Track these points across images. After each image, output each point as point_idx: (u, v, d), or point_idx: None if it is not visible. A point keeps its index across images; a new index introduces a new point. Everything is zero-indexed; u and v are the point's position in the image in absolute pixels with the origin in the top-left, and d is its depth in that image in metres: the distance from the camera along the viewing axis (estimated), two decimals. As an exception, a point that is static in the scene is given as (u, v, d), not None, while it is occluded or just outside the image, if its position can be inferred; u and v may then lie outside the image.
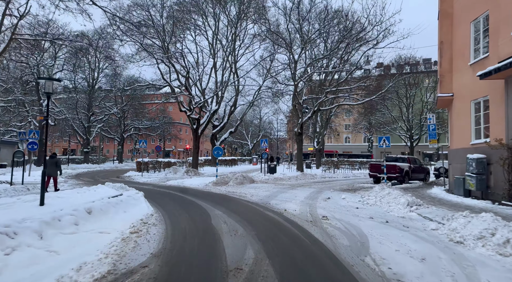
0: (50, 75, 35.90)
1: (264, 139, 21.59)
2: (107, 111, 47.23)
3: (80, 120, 42.18)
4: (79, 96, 43.10)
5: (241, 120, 37.99)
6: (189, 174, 25.53)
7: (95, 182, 19.70)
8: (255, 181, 19.64)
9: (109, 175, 27.68)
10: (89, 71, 43.44)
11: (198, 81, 27.97)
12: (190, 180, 19.32)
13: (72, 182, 19.68)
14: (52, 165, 13.59)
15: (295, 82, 23.28)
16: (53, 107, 36.33)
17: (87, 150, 44.59)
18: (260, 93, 37.94)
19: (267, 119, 58.88)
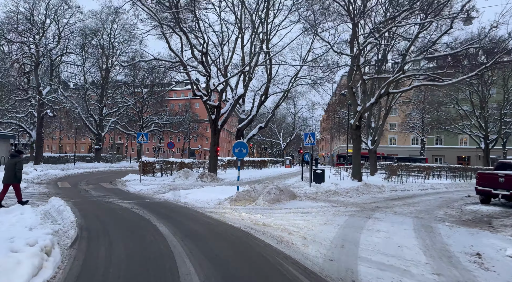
0: (52, 59, 30.80)
1: (311, 133, 14.61)
2: (121, 103, 41.94)
3: (89, 112, 37.02)
4: (89, 85, 38.04)
5: (273, 112, 31.13)
6: (204, 179, 19.03)
7: (58, 191, 13.62)
8: (298, 196, 12.74)
9: (107, 178, 21.79)
10: (101, 56, 38.23)
11: (219, 58, 21.44)
12: (199, 193, 12.73)
13: (28, 192, 13.73)
14: (11, 168, 9.32)
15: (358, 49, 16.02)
16: (55, 96, 31.20)
17: (98, 147, 39.46)
18: (296, 80, 31.06)
19: (301, 115, 51.64)
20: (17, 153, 9.76)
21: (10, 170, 9.28)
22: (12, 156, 9.61)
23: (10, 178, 9.30)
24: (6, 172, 9.31)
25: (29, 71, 29.83)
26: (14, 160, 9.39)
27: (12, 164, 9.30)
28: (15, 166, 9.26)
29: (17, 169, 9.26)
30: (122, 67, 26.39)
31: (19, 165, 9.35)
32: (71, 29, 30.94)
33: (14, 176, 9.29)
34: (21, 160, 9.60)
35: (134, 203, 10.81)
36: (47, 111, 29.47)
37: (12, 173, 9.28)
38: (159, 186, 16.06)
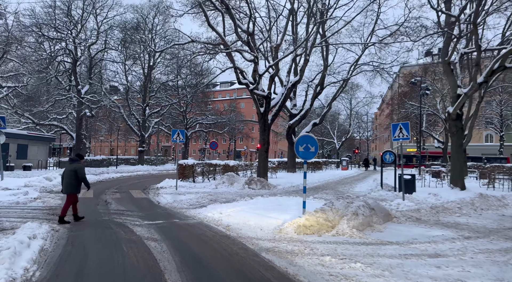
0: (91, 55, 29.20)
1: (402, 124, 10.34)
2: (164, 103, 39.98)
3: (131, 112, 35.30)
4: (131, 84, 36.43)
5: (329, 106, 26.84)
6: (252, 186, 15.42)
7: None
8: (393, 216, 8.57)
9: (142, 183, 19.10)
10: (143, 54, 36.44)
11: (266, 40, 17.77)
12: (248, 209, 9.07)
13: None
14: (70, 176, 8.07)
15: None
16: (94, 95, 29.59)
17: (142, 149, 37.76)
18: (356, 67, 26.66)
19: (357, 110, 46.27)
20: (77, 158, 8.43)
21: (70, 178, 7.99)
22: (72, 162, 8.28)
23: (71, 187, 8.02)
24: (65, 180, 8.05)
25: (68, 69, 28.38)
26: (73, 166, 8.08)
27: (71, 171, 7.99)
28: (74, 173, 7.96)
29: (80, 178, 8.01)
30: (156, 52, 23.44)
31: (80, 172, 7.99)
32: (110, 24, 29.18)
33: (75, 184, 8.04)
34: (82, 166, 8.25)
35: (155, 227, 7.41)
36: (86, 111, 27.83)
37: (72, 181, 8.00)
38: (197, 196, 12.67)
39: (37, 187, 13.78)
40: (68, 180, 7.99)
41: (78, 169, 8.00)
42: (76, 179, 7.99)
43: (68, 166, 8.23)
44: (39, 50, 25.68)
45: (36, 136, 27.09)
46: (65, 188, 8.04)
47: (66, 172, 8.11)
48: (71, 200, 8.11)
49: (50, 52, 26.32)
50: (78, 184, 8.10)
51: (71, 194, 8.08)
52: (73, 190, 8.07)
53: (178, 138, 14.99)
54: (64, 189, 8.10)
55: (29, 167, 23.81)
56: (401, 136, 10.41)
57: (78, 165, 8.11)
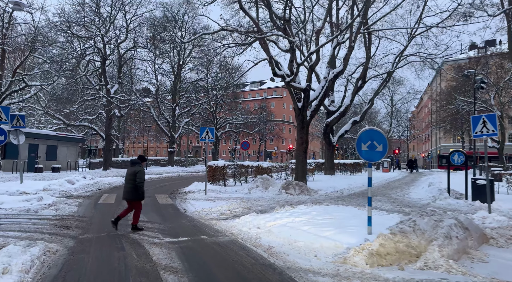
0: (120, 53, 28.58)
1: (486, 116, 8.11)
2: (194, 102, 39.00)
3: (161, 112, 34.50)
4: (161, 84, 35.71)
5: (371, 101, 24.44)
6: (290, 191, 13.58)
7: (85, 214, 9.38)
8: (489, 237, 6.41)
9: (170, 186, 17.86)
10: (173, 52, 35.62)
11: (302, 30, 15.88)
12: (292, 224, 7.27)
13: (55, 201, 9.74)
14: (131, 180, 7.09)
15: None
16: (124, 95, 28.92)
17: (172, 150, 36.95)
18: (401, 60, 24.28)
19: (399, 107, 42.96)
20: (139, 160, 7.43)
21: (130, 182, 7.09)
22: (133, 164, 7.32)
23: (131, 193, 7.09)
24: (126, 184, 7.17)
25: (97, 68, 27.84)
26: (133, 169, 7.15)
27: (131, 175, 7.09)
28: (134, 177, 7.02)
29: (137, 182, 7.00)
30: (184, 43, 22.04)
31: (139, 176, 7.02)
32: (138, 21, 28.41)
33: (135, 190, 7.06)
34: (142, 169, 7.23)
35: (177, 249, 5.77)
36: (115, 111, 27.15)
37: (134, 186, 7.05)
38: (228, 203, 11.01)
39: (56, 191, 12.71)
40: (128, 185, 7.08)
41: (138, 172, 7.01)
42: (135, 184, 7.04)
43: (129, 169, 7.27)
44: (68, 48, 25.21)
45: (66, 137, 26.74)
46: (126, 194, 7.13)
47: (126, 176, 7.22)
48: (138, 207, 7.22)
49: (80, 49, 25.82)
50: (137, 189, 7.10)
51: (134, 201, 7.12)
52: (135, 196, 7.07)
53: (207, 136, 13.44)
54: (124, 195, 7.18)
55: (57, 169, 23.31)
56: (485, 131, 8.17)
57: (138, 168, 7.11)
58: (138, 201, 7.17)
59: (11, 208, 9.21)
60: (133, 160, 7.42)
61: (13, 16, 18.91)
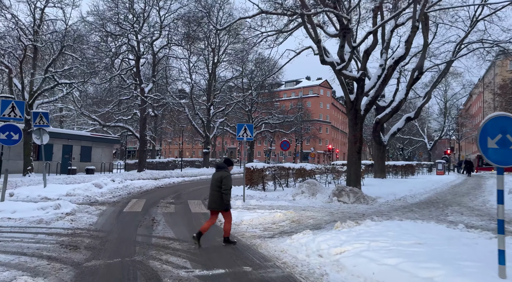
0: (154, 51, 27.73)
1: None
2: (228, 101, 37.67)
3: (196, 112, 33.44)
4: (195, 83, 34.70)
5: (428, 95, 21.55)
6: (343, 199, 11.45)
7: (104, 227, 7.82)
8: None
9: (204, 190, 16.28)
10: (208, 49, 34.48)
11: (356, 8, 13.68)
12: (360, 238, 5.29)
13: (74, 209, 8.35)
14: (217, 186, 6.18)
15: None
16: (158, 94, 28.03)
17: (206, 151, 35.82)
18: (461, 47, 21.43)
19: (454, 103, 38.86)
20: (225, 164, 6.54)
21: (216, 189, 6.23)
22: (218, 168, 6.47)
23: (218, 202, 6.20)
24: (212, 191, 6.33)
25: (131, 67, 27.11)
26: (219, 174, 6.29)
27: (217, 181, 6.24)
28: (221, 183, 6.15)
29: (222, 189, 6.11)
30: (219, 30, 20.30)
31: (225, 182, 6.14)
32: (173, 17, 27.38)
33: (221, 198, 6.16)
34: (229, 175, 6.34)
35: None
36: (149, 110, 26.26)
37: (219, 194, 6.16)
38: (272, 214, 9.10)
39: (80, 197, 11.49)
40: (215, 193, 6.21)
41: (224, 178, 6.14)
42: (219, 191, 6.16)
43: (214, 174, 6.40)
44: (103, 46, 24.59)
45: (100, 138, 26.24)
46: (212, 203, 6.28)
47: (212, 182, 6.35)
48: (228, 217, 6.32)
49: (114, 47, 25.16)
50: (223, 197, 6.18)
51: (222, 211, 6.28)
52: (222, 206, 6.17)
53: (245, 134, 11.66)
54: (209, 204, 6.38)
55: (91, 171, 22.66)
56: None
57: (224, 173, 6.24)
58: (225, 211, 6.24)
59: (22, 218, 7.92)
60: (219, 164, 6.53)
61: (45, 12, 18.39)
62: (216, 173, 6.36)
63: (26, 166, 18.04)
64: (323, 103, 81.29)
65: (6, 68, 16.95)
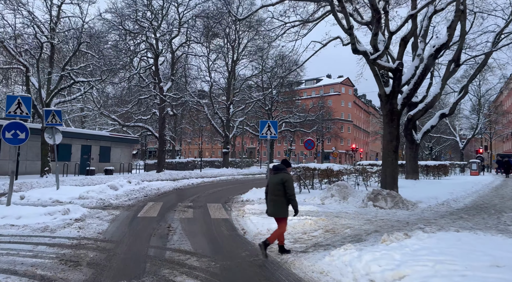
0: (173, 49, 27.14)
1: None
2: (248, 99, 36.78)
3: (215, 111, 32.70)
4: (214, 81, 33.98)
5: (464, 90, 19.88)
6: (380, 204, 10.24)
7: (112, 236, 6.92)
8: None
9: (225, 192, 15.48)
10: (227, 46, 33.68)
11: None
12: (418, 255, 4.18)
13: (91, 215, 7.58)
14: (277, 190, 5.56)
15: None
16: (177, 92, 27.43)
17: (226, 151, 35.03)
18: (501, 38, 19.78)
19: (489, 98, 36.39)
20: (284, 166, 5.79)
21: (276, 194, 5.54)
22: (277, 170, 5.74)
23: (280, 208, 5.55)
24: (270, 196, 5.65)
25: (150, 66, 26.59)
26: (279, 176, 5.58)
27: (277, 184, 5.52)
28: (282, 187, 5.46)
29: (288, 195, 5.42)
30: (239, 20, 19.28)
31: (288, 186, 5.46)
32: (191, 14, 26.68)
33: (285, 203, 5.52)
34: (291, 177, 5.68)
35: None
36: (168, 109, 25.66)
37: (281, 198, 5.50)
38: (301, 222, 8.01)
39: (93, 200, 10.77)
40: (276, 198, 5.54)
41: (286, 181, 5.47)
42: (285, 196, 5.47)
43: (272, 177, 5.73)
44: (121, 45, 24.14)
45: (119, 138, 25.84)
46: (272, 209, 5.62)
47: (271, 186, 5.67)
48: (283, 225, 5.63)
49: (132, 45, 24.68)
50: (288, 202, 5.52)
51: (280, 218, 5.62)
52: (284, 212, 5.56)
53: (269, 132, 10.63)
54: (269, 210, 5.69)
55: (110, 171, 22.21)
56: None
57: (286, 176, 5.56)
58: (283, 217, 5.60)
59: (26, 225, 7.19)
60: (277, 166, 5.78)
61: (62, 10, 17.99)
62: (275, 176, 5.62)
63: (43, 166, 17.70)
64: (345, 102, 79.18)
65: (23, 66, 16.63)
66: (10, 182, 8.26)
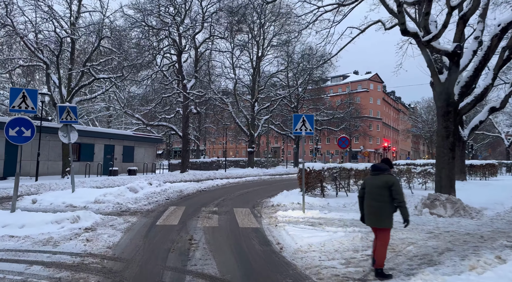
0: (196, 45, 26.26)
1: None
2: (274, 97, 35.47)
3: (240, 109, 31.60)
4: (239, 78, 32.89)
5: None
6: (438, 211, 8.63)
7: (126, 249, 5.73)
8: None
9: (252, 194, 14.27)
10: (252, 42, 32.50)
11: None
12: None
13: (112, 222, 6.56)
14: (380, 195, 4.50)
15: None
16: (201, 90, 26.49)
17: (251, 150, 33.86)
18: None
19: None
20: (386, 164, 4.71)
21: (379, 199, 4.47)
22: (378, 171, 4.66)
23: (383, 217, 4.47)
24: (370, 201, 4.59)
25: (173, 62, 25.78)
26: (383, 179, 4.52)
27: (381, 188, 4.47)
28: (387, 192, 4.41)
29: (396, 202, 4.36)
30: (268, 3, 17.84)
31: (396, 191, 4.38)
32: (215, 8, 25.67)
33: (390, 211, 4.45)
34: (397, 180, 4.65)
35: None
36: (191, 107, 24.76)
37: (385, 205, 4.43)
38: (349, 236, 6.61)
39: (110, 204, 9.80)
40: (378, 204, 4.53)
41: (393, 184, 4.46)
42: (390, 202, 4.44)
43: (371, 179, 4.72)
44: (144, 42, 23.43)
45: (143, 137, 25.20)
46: (372, 217, 4.62)
47: (370, 188, 4.69)
48: (385, 238, 4.56)
49: (155, 41, 23.92)
50: (393, 209, 4.50)
51: (383, 229, 4.55)
52: (388, 222, 4.51)
53: (304, 127, 9.26)
54: (368, 218, 4.68)
55: (134, 171, 21.52)
56: None
57: (391, 178, 4.57)
58: (387, 228, 4.54)
59: (28, 236, 6.21)
60: (379, 166, 4.72)
61: (82, 4, 17.39)
62: (376, 177, 4.61)
63: (64, 167, 17.14)
64: (373, 99, 76.10)
65: (44, 63, 16.11)
66: (15, 186, 7.35)
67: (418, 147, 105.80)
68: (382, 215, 4.51)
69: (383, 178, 4.55)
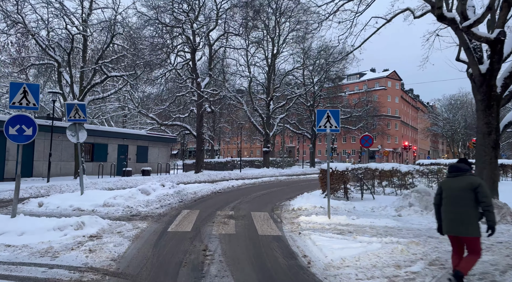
0: (210, 43, 25.66)
1: None
2: (289, 95, 34.60)
3: (254, 107, 30.86)
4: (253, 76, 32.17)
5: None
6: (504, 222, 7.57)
7: (135, 261, 5.01)
8: None
9: (269, 196, 13.52)
10: (267, 39, 31.74)
11: None
12: None
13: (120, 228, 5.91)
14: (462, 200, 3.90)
15: None
16: (215, 88, 25.89)
17: (266, 150, 33.08)
18: None
19: None
20: (466, 164, 4.11)
21: (461, 204, 3.91)
22: (457, 171, 4.08)
23: (468, 224, 3.88)
24: (449, 207, 4.03)
25: (187, 60, 25.24)
26: (466, 180, 3.96)
27: (463, 191, 3.92)
28: (472, 195, 3.86)
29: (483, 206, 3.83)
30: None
31: (483, 193, 3.81)
32: (230, 4, 25.00)
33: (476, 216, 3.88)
34: (483, 182, 3.99)
35: None
36: (206, 106, 24.16)
37: (469, 211, 3.87)
38: (387, 247, 5.74)
39: (120, 207, 9.19)
40: (459, 209, 3.92)
41: (479, 186, 3.87)
42: (475, 207, 3.87)
43: (450, 182, 4.13)
44: (157, 40, 22.96)
45: (157, 137, 24.76)
46: (456, 225, 3.95)
47: (449, 192, 4.07)
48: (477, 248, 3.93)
49: (169, 38, 23.41)
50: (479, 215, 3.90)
51: (471, 239, 3.90)
52: (476, 230, 3.86)
53: (329, 124, 8.42)
54: (450, 226, 4.01)
55: (148, 172, 21.04)
56: None
57: (476, 180, 3.97)
58: (475, 237, 3.89)
59: (26, 245, 5.60)
60: (460, 166, 4.11)
61: (94, 1, 17.01)
62: (456, 180, 4.04)
63: (76, 168, 16.77)
64: (391, 97, 74.09)
65: (55, 61, 15.76)
66: (15, 189, 6.78)
67: (437, 146, 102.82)
68: (468, 222, 3.88)
69: (466, 179, 3.96)
